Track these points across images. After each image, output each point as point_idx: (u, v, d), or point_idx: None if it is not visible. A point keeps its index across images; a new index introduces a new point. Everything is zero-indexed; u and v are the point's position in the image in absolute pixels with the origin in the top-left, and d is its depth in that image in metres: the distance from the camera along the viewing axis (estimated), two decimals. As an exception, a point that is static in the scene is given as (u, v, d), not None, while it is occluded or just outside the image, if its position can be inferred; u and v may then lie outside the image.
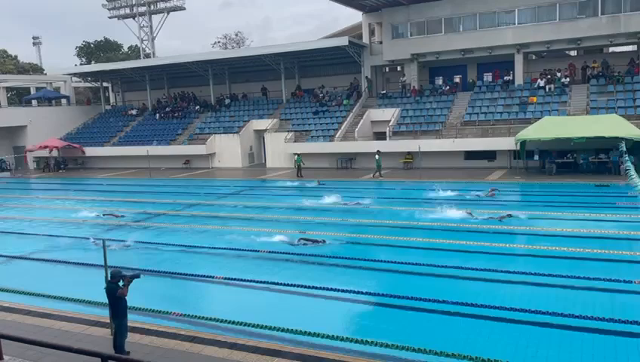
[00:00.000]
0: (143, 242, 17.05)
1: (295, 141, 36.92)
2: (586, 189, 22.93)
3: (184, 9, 54.85)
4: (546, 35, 32.96)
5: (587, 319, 9.47)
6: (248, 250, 15.45)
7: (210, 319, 10.36)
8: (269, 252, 15.14)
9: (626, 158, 19.85)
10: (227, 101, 44.93)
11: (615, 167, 26.09)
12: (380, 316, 10.69)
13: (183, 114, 45.69)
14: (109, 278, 9.00)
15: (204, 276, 13.24)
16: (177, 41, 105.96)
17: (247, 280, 12.60)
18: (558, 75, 33.71)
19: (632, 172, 18.24)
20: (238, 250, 15.60)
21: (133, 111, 49.08)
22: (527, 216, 18.16)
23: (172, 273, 13.63)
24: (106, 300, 9.04)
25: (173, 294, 12.52)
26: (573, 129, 26.18)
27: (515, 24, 33.80)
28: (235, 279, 12.79)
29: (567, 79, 33.38)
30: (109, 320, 9.54)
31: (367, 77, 39.61)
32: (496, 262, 13.10)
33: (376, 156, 29.80)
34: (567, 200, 20.96)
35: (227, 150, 39.43)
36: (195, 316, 10.54)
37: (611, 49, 37.33)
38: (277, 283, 12.24)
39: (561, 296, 11.00)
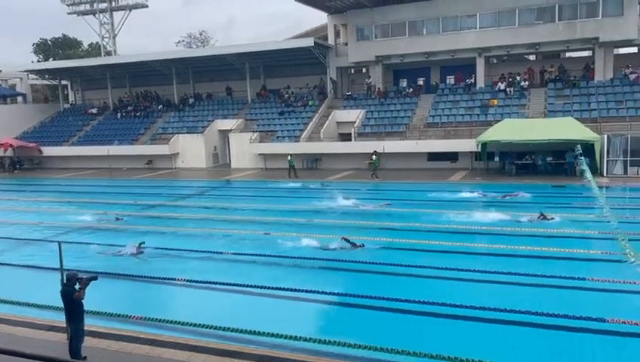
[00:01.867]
0: (102, 244, 16.62)
1: (260, 141, 36.73)
2: (544, 190, 23.62)
3: (147, 6, 53.80)
4: (506, 40, 33.83)
5: (544, 316, 9.73)
6: (212, 252, 15.26)
7: (171, 322, 10.17)
8: (234, 254, 14.99)
9: (582, 160, 20.60)
10: (191, 100, 44.32)
11: (571, 168, 26.97)
12: (343, 316, 10.73)
13: (145, 113, 44.81)
14: (64, 281, 8.73)
15: (165, 278, 13.00)
16: (140, 39, 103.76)
17: (209, 282, 12.44)
18: (518, 78, 34.65)
19: (587, 173, 18.93)
20: (201, 251, 15.39)
21: (94, 110, 47.82)
22: (486, 217, 18.56)
23: (132, 275, 13.33)
24: (61, 304, 8.76)
25: (133, 297, 12.26)
26: (532, 131, 26.96)
27: (476, 28, 34.56)
28: (196, 281, 12.60)
29: (527, 83, 34.33)
30: (65, 325, 9.24)
31: (332, 78, 39.75)
32: (458, 261, 13.33)
33: (373, 157, 29.83)
34: (526, 200, 21.55)
35: (191, 150, 38.89)
36: (155, 319, 10.33)
37: (568, 54, 38.59)
38: (240, 285, 12.11)
39: (518, 293, 11.30)
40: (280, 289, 11.65)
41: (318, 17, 40.35)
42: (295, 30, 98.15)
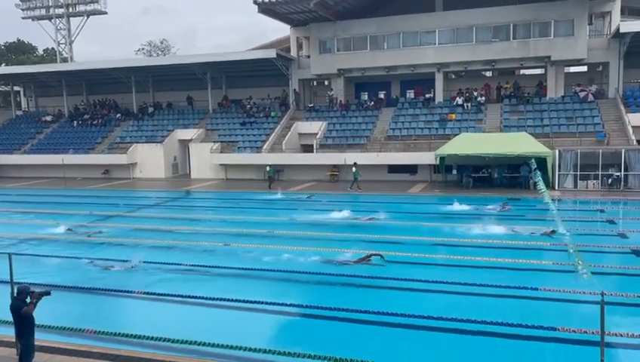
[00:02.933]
0: (56, 256, 16.05)
1: (221, 152, 36.42)
2: (500, 202, 24.28)
3: (105, 13, 52.74)
4: (463, 56, 34.86)
5: (498, 325, 9.98)
6: (171, 264, 14.96)
7: (127, 335, 9.90)
8: (191, 266, 14.75)
9: (536, 174, 21.30)
10: (151, 109, 43.59)
11: (525, 181, 27.87)
12: (304, 327, 10.71)
13: (103, 122, 43.75)
14: (15, 294, 8.39)
15: (121, 291, 12.66)
16: (97, 46, 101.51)
17: (167, 295, 12.19)
18: (475, 94, 35.70)
19: (541, 186, 19.58)
20: (159, 263, 15.07)
21: (48, 118, 46.37)
22: (440, 228, 18.92)
23: (87, 288, 12.92)
24: (11, 318, 8.41)
25: (87, 310, 11.87)
26: (488, 145, 27.78)
27: (435, 44, 35.47)
28: (154, 294, 12.32)
29: (483, 98, 35.41)
30: (14, 340, 8.86)
31: (295, 90, 39.91)
32: (413, 271, 13.52)
33: (353, 168, 29.93)
34: (482, 212, 22.12)
35: (149, 160, 38.16)
36: (111, 333, 10.03)
37: (522, 71, 40.10)
38: (195, 297, 11.91)
39: (474, 303, 11.55)
40: (241, 301, 11.52)
41: (283, 27, 40.55)
42: (259, 40, 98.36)
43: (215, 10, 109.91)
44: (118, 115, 44.13)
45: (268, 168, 31.64)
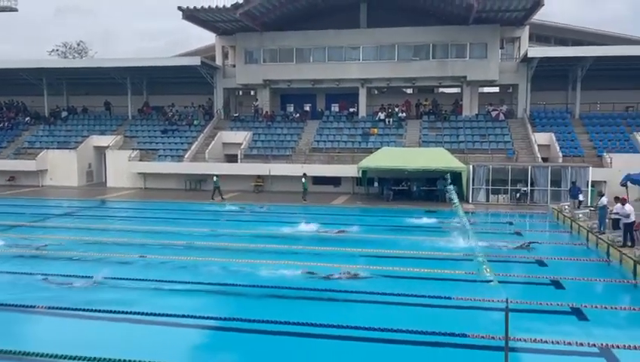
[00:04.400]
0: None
1: (140, 160, 35.06)
2: (418, 214, 25.11)
3: (16, 10, 49.36)
4: (386, 73, 35.99)
5: (412, 333, 10.24)
6: (78, 276, 14.07)
7: (25, 354, 9.17)
8: (105, 278, 13.96)
9: (451, 188, 22.26)
10: (64, 114, 41.21)
11: (442, 195, 29.02)
12: (216, 339, 10.44)
13: (9, 125, 40.76)
14: None
15: (22, 306, 11.73)
16: (6, 45, 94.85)
17: (72, 309, 11.45)
18: (396, 109, 36.88)
19: (455, 200, 20.45)
20: (66, 276, 14.14)
21: (-54, 119, 42.52)
22: (362, 238, 19.26)
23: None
24: None
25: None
26: (408, 160, 28.76)
27: (360, 60, 36.36)
28: (59, 308, 11.53)
29: (404, 114, 36.66)
30: None
31: (225, 99, 39.32)
32: (329, 282, 13.62)
33: (303, 179, 29.54)
34: (400, 223, 22.77)
35: (61, 167, 35.95)
36: (6, 351, 9.23)
37: (441, 89, 41.99)
38: (107, 311, 11.29)
39: (389, 312, 11.79)
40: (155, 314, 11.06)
41: (208, 35, 39.93)
42: (183, 47, 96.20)
43: (137, 15, 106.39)
44: (27, 119, 41.33)
45: (215, 178, 30.60)
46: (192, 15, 34.72)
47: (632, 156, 29.26)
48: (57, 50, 66.65)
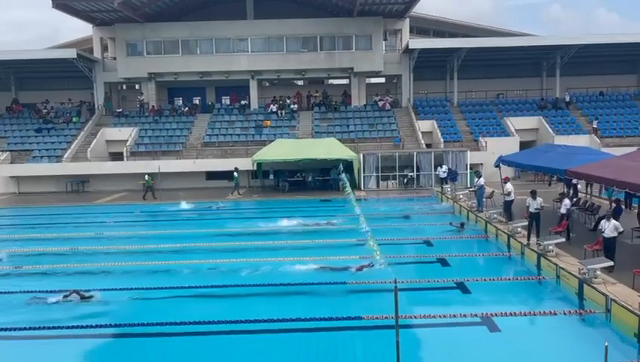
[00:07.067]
0: None
1: (12, 162, 32.00)
2: (313, 204, 25.53)
3: None
4: (275, 65, 35.99)
5: (310, 321, 10.40)
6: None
7: None
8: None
9: (343, 177, 22.82)
10: None
11: (335, 183, 29.72)
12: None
13: None
14: None
15: None
16: None
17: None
18: (288, 101, 37.07)
19: (348, 188, 21.01)
20: None
21: None
22: (250, 231, 19.29)
23: None
24: None
25: None
26: (301, 151, 29.07)
27: (248, 52, 35.98)
28: None
29: (296, 106, 36.96)
30: None
31: (106, 93, 36.93)
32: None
33: (235, 174, 28.23)
34: (297, 213, 22.98)
35: None
36: None
37: (330, 81, 42.84)
38: None
39: (290, 301, 11.88)
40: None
41: (84, 27, 37.03)
42: (55, 39, 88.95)
43: (3, 4, 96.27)
44: None
45: (147, 177, 28.33)
46: (63, 4, 32.08)
47: (503, 139, 32.02)
48: None
